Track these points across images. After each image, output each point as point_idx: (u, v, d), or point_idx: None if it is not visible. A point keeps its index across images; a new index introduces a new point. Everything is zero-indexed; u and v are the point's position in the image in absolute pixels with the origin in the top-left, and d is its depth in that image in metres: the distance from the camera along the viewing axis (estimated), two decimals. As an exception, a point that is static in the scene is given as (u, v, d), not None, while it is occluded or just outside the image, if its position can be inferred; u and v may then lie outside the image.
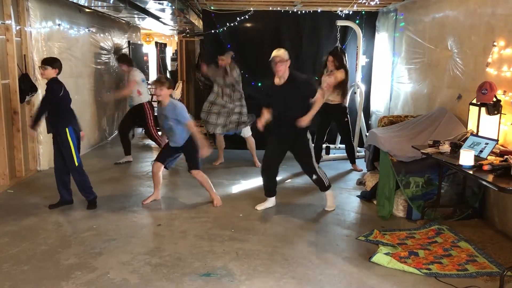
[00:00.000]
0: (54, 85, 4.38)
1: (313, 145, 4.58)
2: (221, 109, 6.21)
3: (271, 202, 4.72)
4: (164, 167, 4.79)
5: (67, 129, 4.39)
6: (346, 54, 6.94)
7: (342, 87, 6.03)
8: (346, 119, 6.22)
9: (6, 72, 5.26)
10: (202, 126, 7.66)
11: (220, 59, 6.19)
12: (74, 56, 6.79)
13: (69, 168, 4.50)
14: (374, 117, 7.49)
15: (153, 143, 7.28)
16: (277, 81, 4.36)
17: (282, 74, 4.29)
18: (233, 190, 5.34)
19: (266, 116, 4.44)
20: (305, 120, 4.26)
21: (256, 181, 5.68)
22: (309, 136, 4.48)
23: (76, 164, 4.46)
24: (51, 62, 4.43)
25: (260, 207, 4.67)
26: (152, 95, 8.05)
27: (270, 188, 4.69)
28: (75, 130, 4.48)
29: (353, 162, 6.35)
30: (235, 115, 6.24)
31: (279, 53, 4.27)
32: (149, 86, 6.58)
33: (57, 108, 4.41)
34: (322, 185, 4.60)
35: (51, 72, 4.37)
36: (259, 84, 6.18)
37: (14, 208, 4.55)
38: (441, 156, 3.81)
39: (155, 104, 7.38)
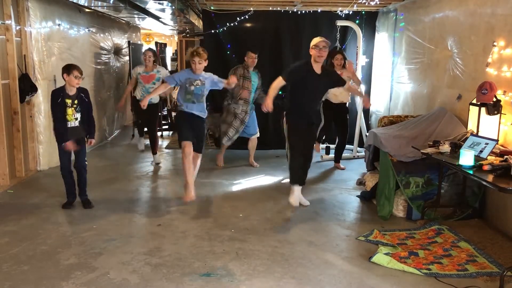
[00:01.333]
0: (86, 92, 4.59)
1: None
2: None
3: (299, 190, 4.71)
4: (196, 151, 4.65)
5: None
6: (345, 54, 6.96)
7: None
8: (347, 117, 6.33)
9: (6, 72, 5.26)
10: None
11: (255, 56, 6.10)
12: (74, 56, 6.79)
13: (82, 167, 4.60)
14: (374, 117, 7.50)
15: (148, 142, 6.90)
16: (317, 69, 4.41)
17: (322, 61, 4.41)
18: (233, 190, 5.33)
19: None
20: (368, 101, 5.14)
21: (256, 181, 5.69)
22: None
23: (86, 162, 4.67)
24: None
25: (294, 199, 4.61)
26: None
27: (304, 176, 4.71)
28: None
29: (337, 161, 6.43)
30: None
31: (323, 39, 4.32)
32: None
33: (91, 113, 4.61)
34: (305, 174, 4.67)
35: None
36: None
37: (14, 208, 4.55)
38: (441, 156, 3.81)
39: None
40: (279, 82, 4.43)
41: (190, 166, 4.53)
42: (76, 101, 4.41)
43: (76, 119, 4.43)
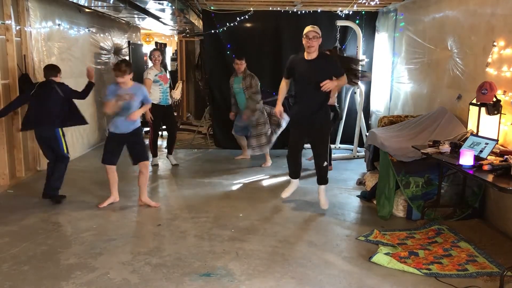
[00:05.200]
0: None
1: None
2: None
3: (295, 184, 4.82)
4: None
5: None
6: (345, 54, 6.97)
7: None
8: None
9: (6, 72, 5.26)
10: (203, 126, 7.60)
11: (240, 63, 6.18)
12: (74, 56, 6.79)
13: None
14: (374, 117, 7.50)
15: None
16: (308, 56, 4.33)
17: (314, 51, 4.27)
18: (233, 190, 5.33)
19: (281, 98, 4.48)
20: (331, 84, 4.17)
21: (257, 181, 5.69)
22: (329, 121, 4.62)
23: None
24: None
25: (285, 194, 4.79)
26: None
27: (296, 170, 4.76)
28: None
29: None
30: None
31: (314, 28, 4.24)
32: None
33: None
34: (326, 175, 4.66)
35: None
36: (259, 85, 6.21)
37: (14, 208, 4.55)
38: (441, 156, 3.81)
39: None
40: (282, 82, 4.54)
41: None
42: None
43: None
